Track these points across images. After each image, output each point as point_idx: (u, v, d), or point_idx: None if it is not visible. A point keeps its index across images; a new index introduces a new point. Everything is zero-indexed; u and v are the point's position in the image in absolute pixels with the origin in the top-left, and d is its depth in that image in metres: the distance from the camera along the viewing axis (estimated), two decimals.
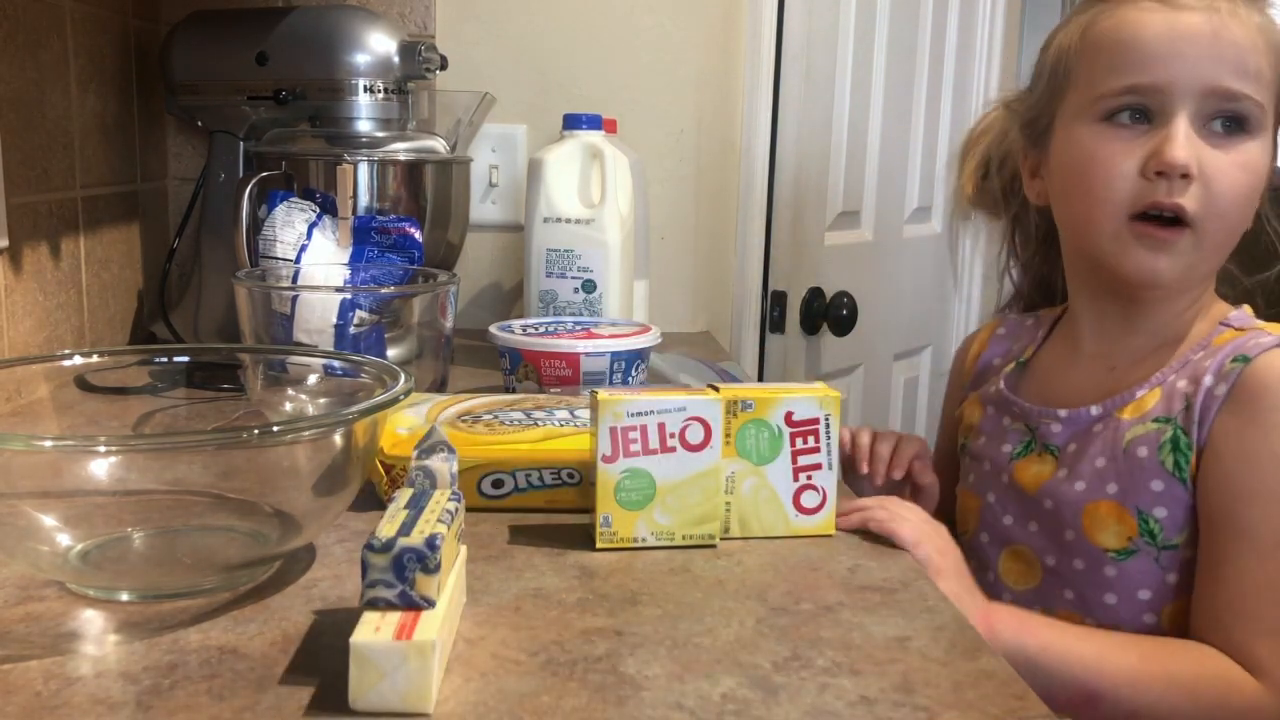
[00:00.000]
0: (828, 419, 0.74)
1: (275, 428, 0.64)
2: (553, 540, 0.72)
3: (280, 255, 1.07)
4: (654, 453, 0.70)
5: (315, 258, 1.08)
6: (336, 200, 1.15)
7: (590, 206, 1.25)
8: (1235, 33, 0.82)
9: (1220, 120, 0.83)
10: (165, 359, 0.81)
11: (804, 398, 0.74)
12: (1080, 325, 0.94)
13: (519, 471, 0.76)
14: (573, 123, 1.29)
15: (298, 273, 1.06)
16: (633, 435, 0.70)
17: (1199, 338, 0.87)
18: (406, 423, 0.79)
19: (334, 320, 0.94)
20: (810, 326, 1.71)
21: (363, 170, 1.17)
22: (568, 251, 1.25)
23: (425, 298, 1.00)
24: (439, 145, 1.24)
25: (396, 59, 1.21)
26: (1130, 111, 0.84)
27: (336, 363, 0.77)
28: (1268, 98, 0.83)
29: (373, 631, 0.50)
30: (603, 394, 0.71)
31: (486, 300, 1.51)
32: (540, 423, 0.80)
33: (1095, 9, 0.88)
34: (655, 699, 0.53)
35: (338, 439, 0.63)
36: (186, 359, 0.82)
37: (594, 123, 1.28)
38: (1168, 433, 0.83)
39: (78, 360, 0.75)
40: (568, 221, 1.25)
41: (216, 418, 0.86)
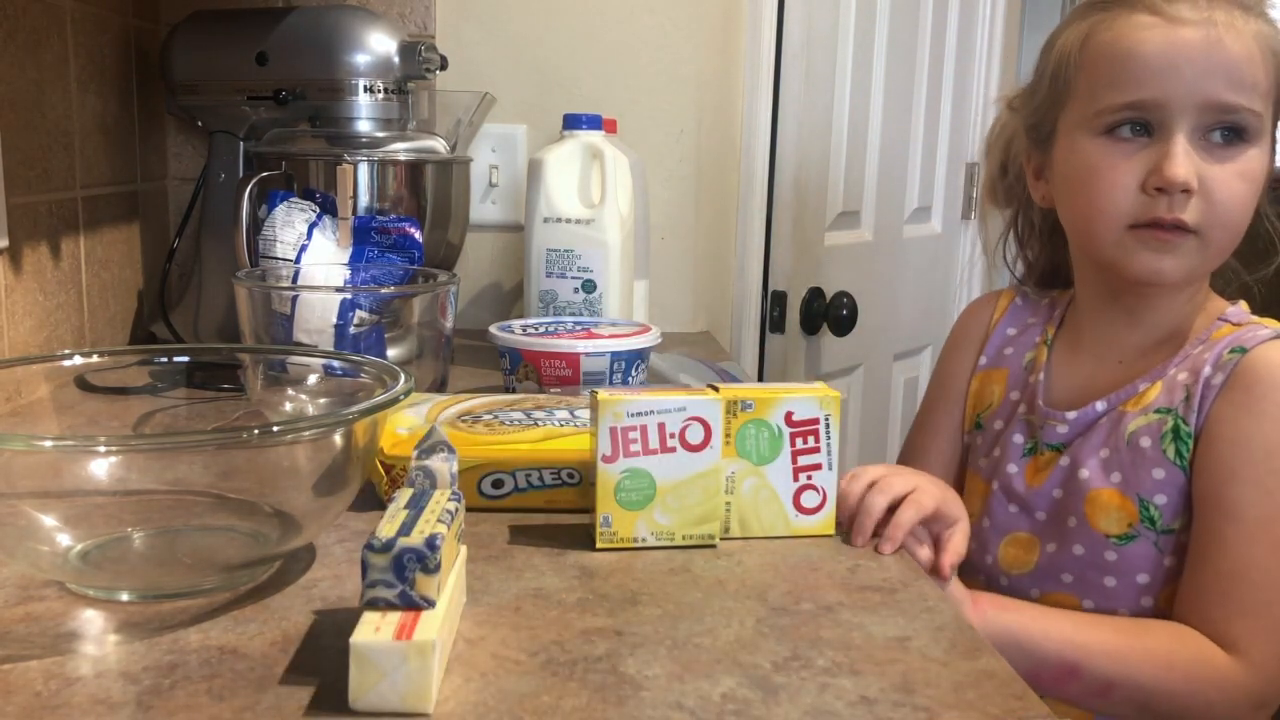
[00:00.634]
0: (828, 419, 0.74)
1: (275, 428, 0.64)
2: (553, 540, 0.72)
3: (280, 255, 1.07)
4: (654, 453, 0.70)
5: (315, 258, 1.08)
6: (336, 200, 1.15)
7: (590, 206, 1.25)
8: (1231, 46, 0.83)
9: (1219, 131, 0.84)
10: (165, 359, 0.81)
11: (804, 398, 0.74)
12: (1084, 319, 0.96)
13: (519, 471, 0.76)
14: (573, 123, 1.29)
15: (298, 273, 1.06)
16: (633, 435, 0.70)
17: (1198, 332, 0.90)
18: (406, 423, 0.79)
19: (334, 320, 0.94)
20: (810, 326, 1.71)
21: (363, 170, 1.17)
22: (568, 251, 1.25)
23: (425, 298, 1.00)
24: (439, 145, 1.24)
25: (396, 59, 1.21)
26: (1130, 125, 0.86)
27: (336, 363, 0.77)
28: (1265, 105, 0.85)
29: (373, 631, 0.50)
30: (603, 394, 0.71)
31: (486, 300, 1.51)
32: (540, 423, 0.80)
33: (1095, 17, 0.89)
34: (655, 699, 0.53)
35: (338, 439, 0.63)
36: (186, 359, 0.82)
37: (594, 123, 1.28)
38: (1169, 423, 0.86)
39: (78, 360, 0.74)
40: (568, 221, 1.25)
41: (216, 418, 0.86)
